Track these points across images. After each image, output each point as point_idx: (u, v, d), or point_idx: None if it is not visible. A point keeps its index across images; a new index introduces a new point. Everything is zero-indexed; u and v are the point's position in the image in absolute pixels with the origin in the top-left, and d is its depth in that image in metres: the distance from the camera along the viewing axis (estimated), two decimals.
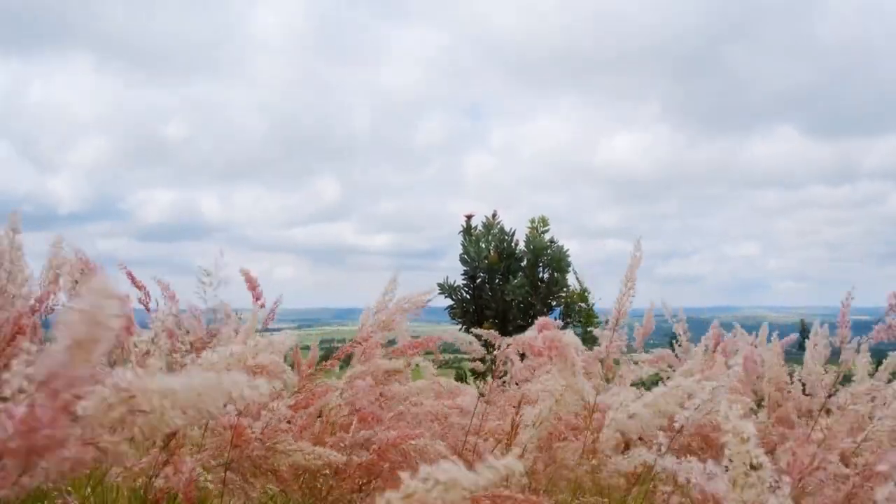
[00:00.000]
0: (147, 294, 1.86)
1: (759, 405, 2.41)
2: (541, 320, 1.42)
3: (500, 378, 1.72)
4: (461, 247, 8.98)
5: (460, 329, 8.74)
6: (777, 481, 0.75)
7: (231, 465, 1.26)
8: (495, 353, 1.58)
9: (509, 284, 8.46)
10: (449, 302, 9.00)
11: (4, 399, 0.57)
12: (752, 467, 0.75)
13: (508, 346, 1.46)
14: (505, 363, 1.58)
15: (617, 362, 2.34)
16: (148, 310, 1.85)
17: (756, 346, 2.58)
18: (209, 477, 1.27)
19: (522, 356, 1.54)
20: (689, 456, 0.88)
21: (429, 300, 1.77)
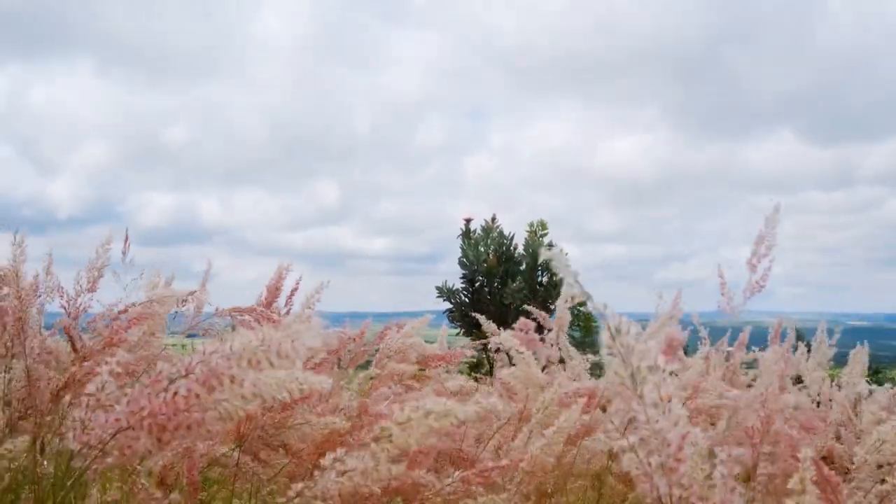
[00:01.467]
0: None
1: None
2: (521, 322, 1.53)
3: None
4: (460, 250, 9.00)
5: (458, 333, 8.76)
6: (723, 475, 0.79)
7: (242, 445, 1.29)
8: (491, 353, 1.65)
9: (508, 288, 8.48)
10: (448, 305, 9.02)
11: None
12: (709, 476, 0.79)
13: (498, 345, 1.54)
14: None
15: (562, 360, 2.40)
16: None
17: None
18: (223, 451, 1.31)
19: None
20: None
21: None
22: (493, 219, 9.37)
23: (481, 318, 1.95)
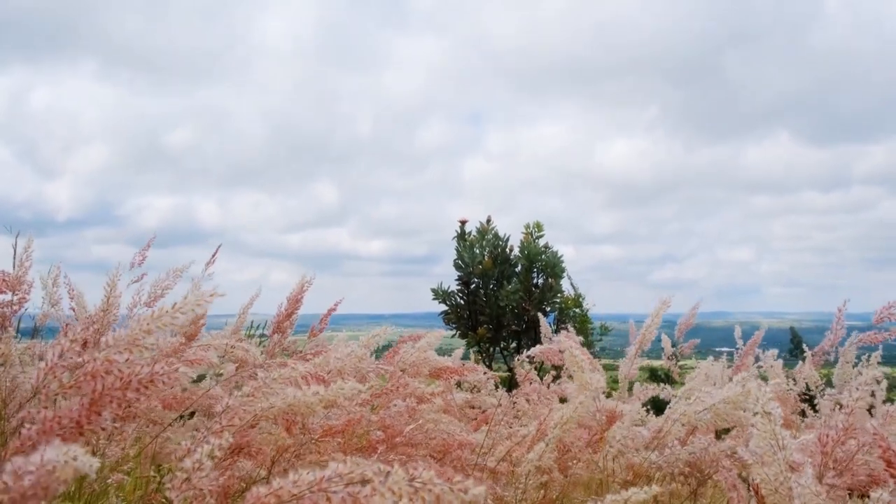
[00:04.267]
0: None
1: None
2: (565, 335, 1.51)
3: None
4: (455, 252, 9.01)
5: (454, 335, 8.78)
6: (799, 462, 0.80)
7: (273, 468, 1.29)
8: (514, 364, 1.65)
9: (503, 290, 8.49)
10: (443, 307, 9.02)
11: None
12: (780, 448, 0.80)
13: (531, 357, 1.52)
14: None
15: (631, 384, 2.40)
16: None
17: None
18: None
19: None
20: None
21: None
22: (489, 220, 9.39)
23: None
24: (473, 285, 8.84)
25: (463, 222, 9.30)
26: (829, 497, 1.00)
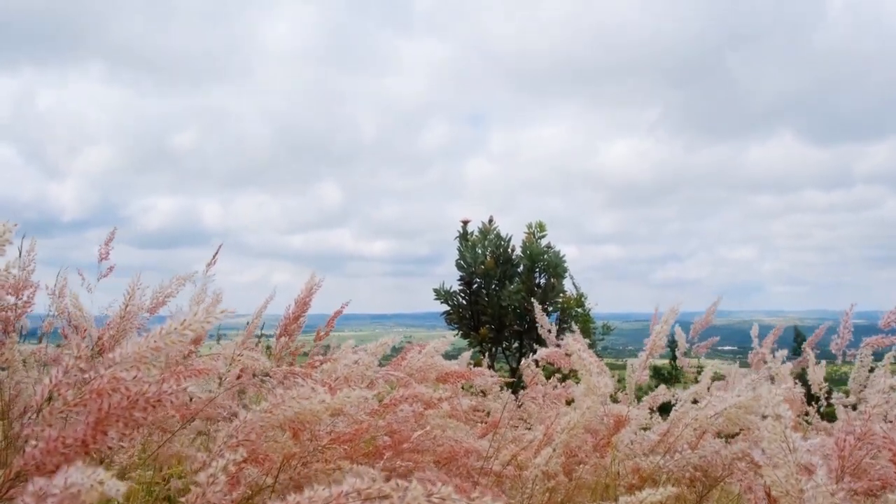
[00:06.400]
0: None
1: None
2: (573, 336, 1.49)
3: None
4: (457, 252, 9.01)
5: (456, 334, 8.78)
6: (812, 464, 0.79)
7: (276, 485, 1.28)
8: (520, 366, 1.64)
9: (506, 290, 8.48)
10: (445, 307, 9.02)
11: None
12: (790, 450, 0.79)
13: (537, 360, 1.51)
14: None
15: (645, 389, 2.40)
16: None
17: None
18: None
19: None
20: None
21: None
22: (491, 220, 9.39)
23: None
24: (475, 285, 8.84)
25: (465, 222, 9.29)
26: (844, 500, 1.00)
